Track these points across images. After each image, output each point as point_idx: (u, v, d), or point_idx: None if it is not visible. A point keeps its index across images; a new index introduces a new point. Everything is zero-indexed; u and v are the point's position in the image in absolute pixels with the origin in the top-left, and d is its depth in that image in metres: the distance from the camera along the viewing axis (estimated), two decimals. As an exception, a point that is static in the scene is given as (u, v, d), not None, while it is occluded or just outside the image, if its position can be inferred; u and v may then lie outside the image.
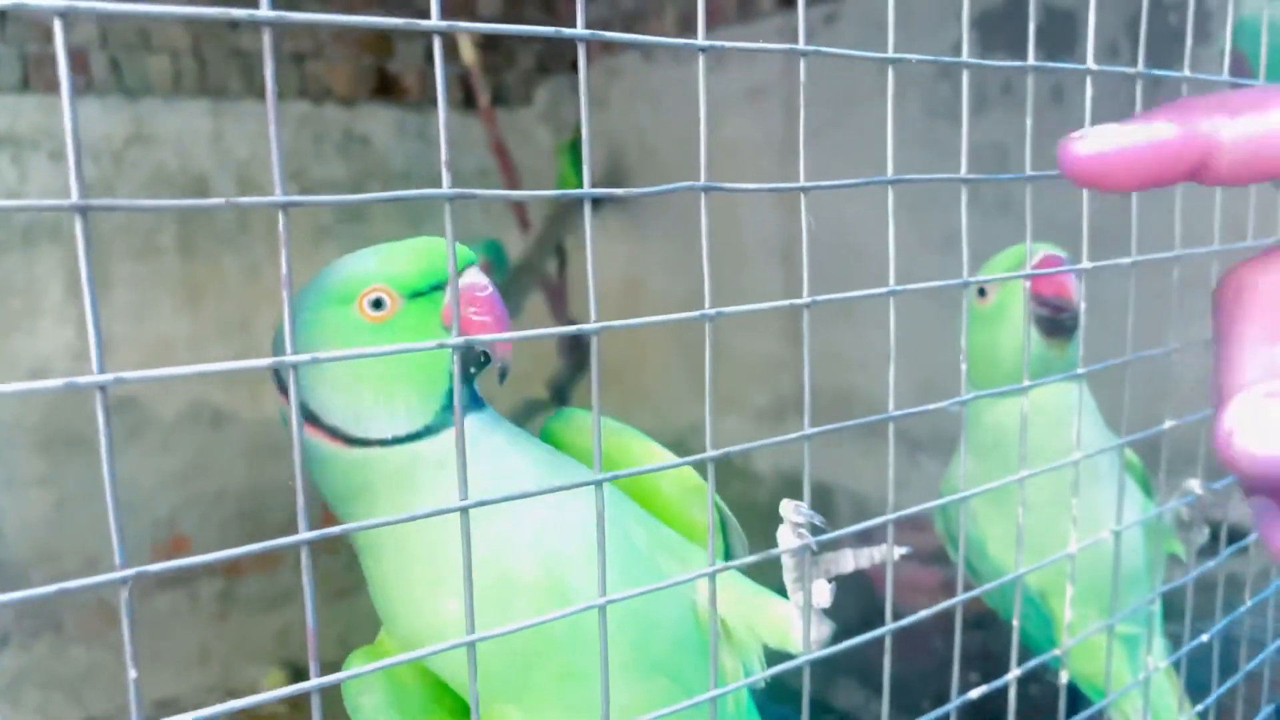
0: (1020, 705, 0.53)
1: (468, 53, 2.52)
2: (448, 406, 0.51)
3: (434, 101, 2.87)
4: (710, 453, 0.35)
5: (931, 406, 0.40)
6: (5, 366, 2.35)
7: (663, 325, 0.31)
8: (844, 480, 2.23)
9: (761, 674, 0.54)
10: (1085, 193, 0.47)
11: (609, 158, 2.90)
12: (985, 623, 0.89)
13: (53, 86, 2.37)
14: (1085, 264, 0.47)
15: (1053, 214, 0.58)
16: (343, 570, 2.92)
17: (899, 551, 0.46)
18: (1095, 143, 0.27)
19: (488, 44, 2.59)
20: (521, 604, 0.50)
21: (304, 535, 0.26)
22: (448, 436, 0.51)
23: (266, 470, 2.60)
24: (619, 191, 0.30)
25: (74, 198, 0.21)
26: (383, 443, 0.50)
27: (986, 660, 0.51)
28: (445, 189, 0.28)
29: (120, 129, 2.43)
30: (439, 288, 0.51)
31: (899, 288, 0.37)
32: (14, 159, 2.33)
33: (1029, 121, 0.44)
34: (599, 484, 0.36)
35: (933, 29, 2.01)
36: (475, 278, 0.51)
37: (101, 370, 0.22)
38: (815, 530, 0.45)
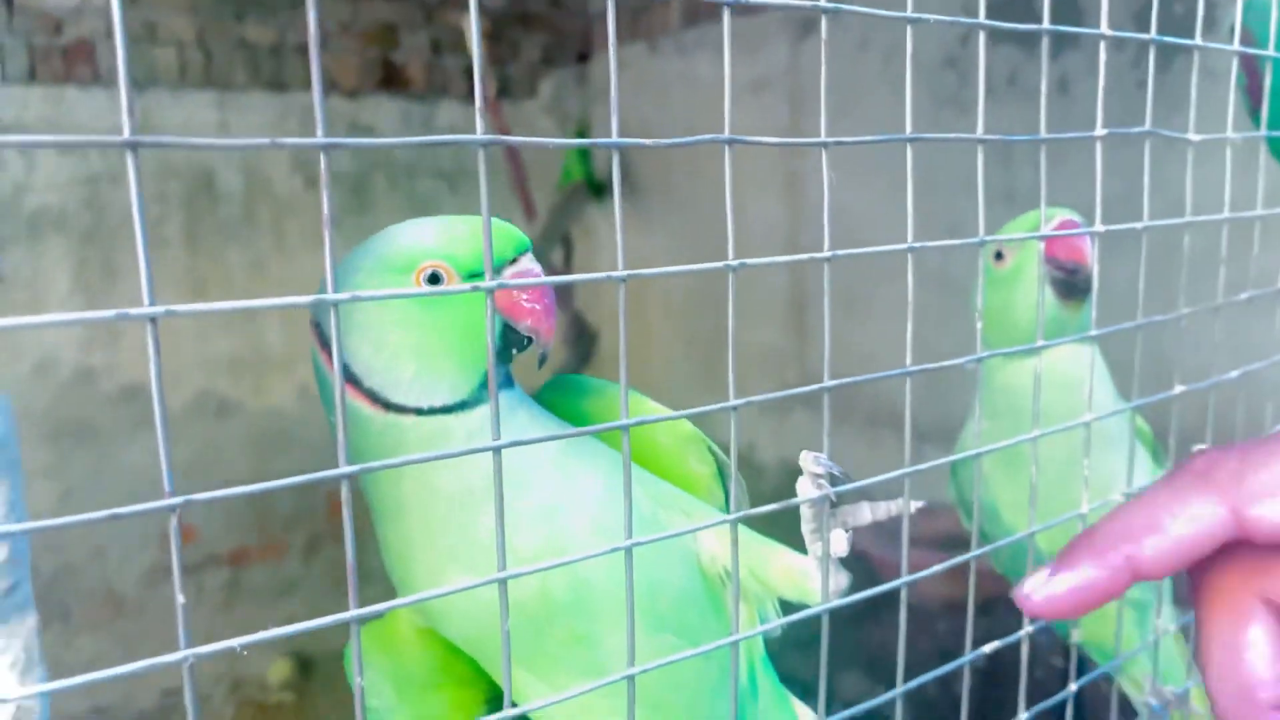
0: (1028, 688, 0.53)
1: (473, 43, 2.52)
2: (483, 385, 0.52)
3: (438, 93, 2.87)
4: (733, 401, 0.36)
5: (948, 363, 0.40)
6: (13, 357, 2.36)
7: (664, 315, 0.31)
8: (848, 470, 2.21)
9: (777, 622, 0.54)
10: (1099, 161, 0.48)
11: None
12: (991, 608, 0.90)
13: (59, 77, 2.37)
14: (1099, 227, 0.47)
15: (1066, 184, 0.58)
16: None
17: (915, 505, 0.46)
18: (1044, 592, 0.33)
19: (493, 35, 2.59)
20: (528, 577, 0.51)
21: (343, 469, 0.26)
22: (480, 413, 0.52)
23: (272, 460, 2.61)
24: (646, 142, 0.30)
25: (125, 134, 0.22)
26: (418, 411, 0.51)
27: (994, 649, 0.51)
28: (479, 135, 0.28)
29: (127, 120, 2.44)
30: (496, 271, 0.51)
31: (917, 244, 0.37)
32: (21, 149, 2.34)
33: (1044, 84, 0.44)
34: (625, 428, 0.37)
35: (932, 33, 1.99)
36: (529, 264, 0.52)
37: (152, 303, 0.22)
38: (834, 481, 0.46)
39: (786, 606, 0.56)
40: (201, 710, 2.50)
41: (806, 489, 0.46)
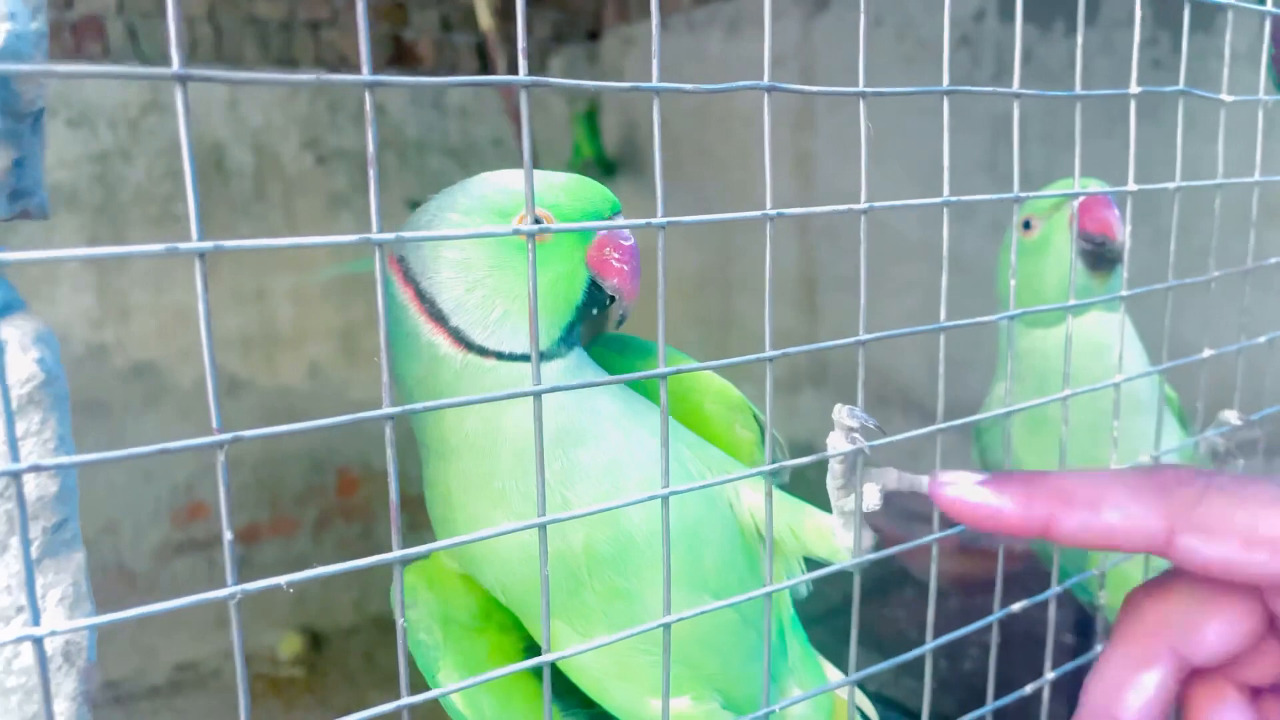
0: (1035, 662, 0.53)
1: (485, 19, 2.51)
2: (563, 339, 0.53)
3: (448, 70, 2.86)
4: (769, 353, 0.37)
5: (981, 320, 0.40)
6: (24, 333, 2.37)
7: (677, 295, 0.31)
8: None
9: (809, 575, 0.55)
10: (1133, 118, 0.47)
11: (623, 126, 2.89)
12: (1007, 585, 0.90)
13: (70, 54, 2.37)
14: (1131, 186, 0.47)
15: (1085, 160, 0.58)
16: (358, 538, 2.94)
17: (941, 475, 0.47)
18: (955, 490, 0.33)
19: (503, 12, 2.58)
20: (576, 528, 0.52)
21: (387, 410, 0.27)
22: (556, 366, 0.53)
23: (282, 438, 2.61)
24: (687, 87, 0.30)
25: (175, 67, 0.22)
26: (499, 355, 0.52)
27: (1002, 625, 0.51)
28: (522, 76, 0.28)
29: (136, 97, 2.44)
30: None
31: (953, 199, 0.37)
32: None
33: (1079, 38, 0.43)
34: (663, 377, 0.38)
35: (953, -3, 1.99)
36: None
37: (201, 238, 0.22)
38: (869, 434, 0.46)
39: (812, 566, 0.56)
40: (211, 685, 2.52)
41: (839, 442, 0.46)
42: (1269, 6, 0.55)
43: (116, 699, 2.46)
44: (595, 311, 0.54)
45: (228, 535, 0.23)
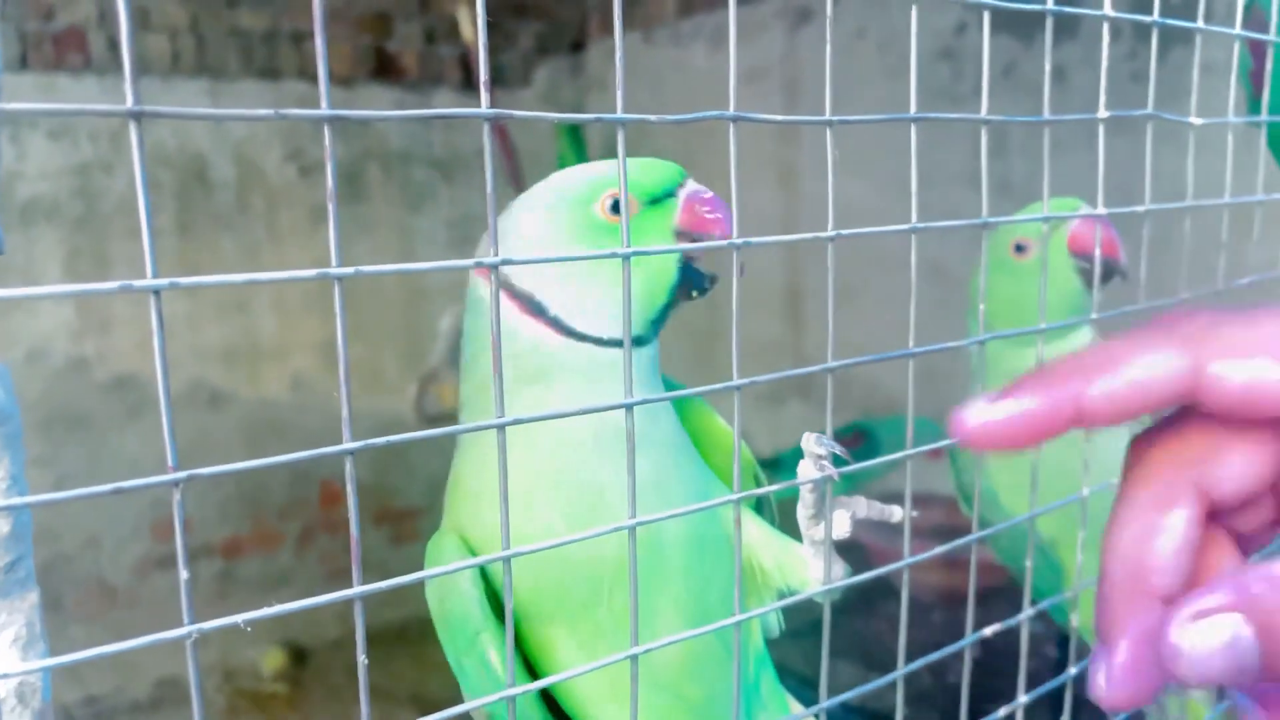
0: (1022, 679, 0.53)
1: (468, 30, 2.51)
2: (656, 321, 0.54)
3: (432, 82, 2.86)
4: (736, 381, 0.37)
5: (952, 344, 0.40)
6: (5, 346, 2.35)
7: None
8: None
9: (780, 603, 0.55)
10: (1101, 141, 0.48)
11: (608, 137, 2.89)
12: (988, 599, 0.91)
13: (51, 64, 2.36)
14: (1101, 209, 0.47)
15: (1065, 176, 0.59)
16: (341, 551, 2.92)
17: (913, 513, 0.47)
18: (980, 415, 0.31)
19: (488, 24, 2.58)
20: (612, 538, 0.51)
21: (348, 445, 0.26)
22: (644, 353, 0.54)
23: (264, 450, 2.59)
24: (652, 118, 0.30)
25: (129, 104, 0.22)
26: (597, 341, 0.53)
27: (989, 640, 0.51)
28: (484, 109, 0.28)
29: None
30: (672, 195, 0.54)
31: (920, 225, 0.37)
32: (13, 137, 2.33)
33: (1047, 64, 0.44)
34: (629, 407, 0.38)
35: (935, 8, 2.00)
36: (697, 185, 0.55)
37: (155, 275, 0.22)
38: (838, 461, 0.46)
39: (783, 596, 0.57)
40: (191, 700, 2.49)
41: (808, 471, 0.46)
42: (1238, 29, 0.56)
43: (97, 715, 2.43)
44: (695, 295, 0.55)
45: (184, 574, 0.23)
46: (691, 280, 0.54)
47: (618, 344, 0.53)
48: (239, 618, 0.24)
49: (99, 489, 0.21)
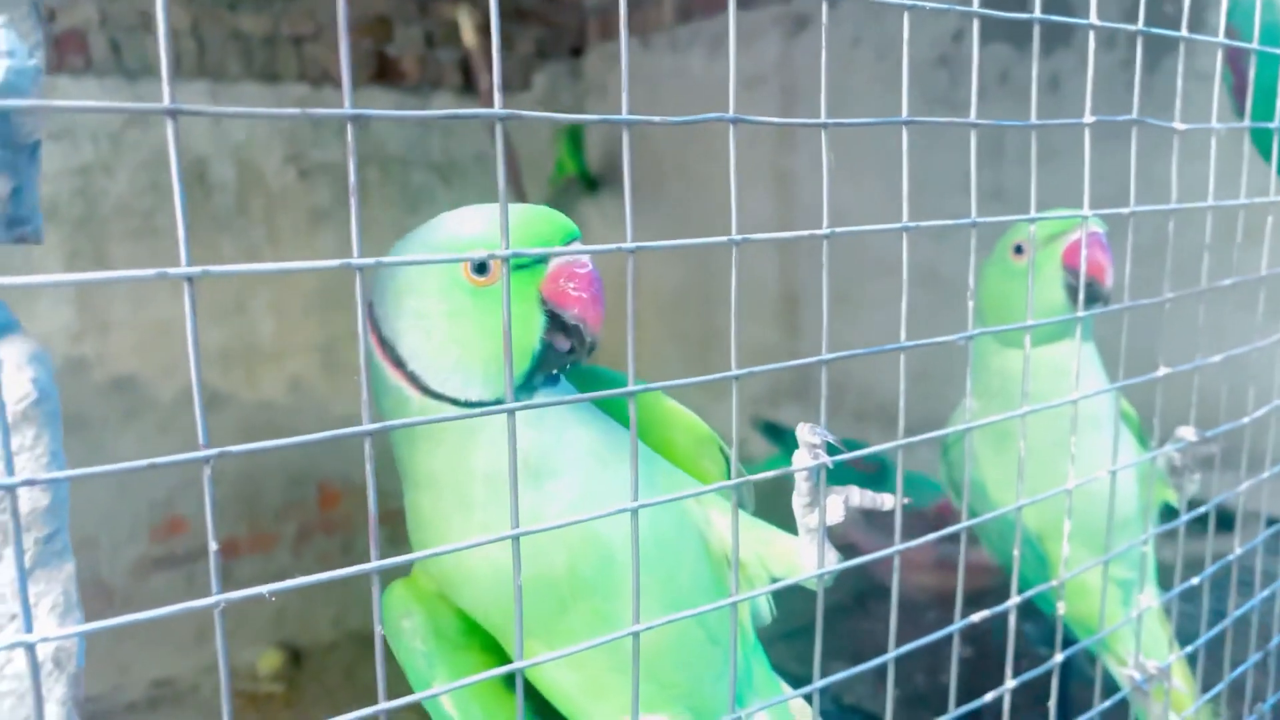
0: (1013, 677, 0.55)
1: (468, 35, 2.52)
2: (523, 386, 0.52)
3: (432, 85, 2.87)
4: (734, 371, 0.38)
5: (940, 339, 0.42)
6: (3, 346, 2.35)
7: (656, 313, 0.32)
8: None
9: (772, 586, 0.56)
10: (1088, 146, 0.49)
11: (607, 143, 2.90)
12: (981, 600, 0.92)
13: (52, 68, 2.37)
14: (1087, 211, 0.49)
15: (1057, 183, 0.60)
16: (338, 552, 2.93)
17: (904, 500, 0.48)
18: None
19: (487, 28, 2.59)
20: (559, 552, 0.53)
21: (367, 426, 0.28)
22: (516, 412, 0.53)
23: (261, 453, 2.61)
24: (655, 119, 0.32)
25: (166, 102, 0.23)
26: (454, 402, 0.52)
27: (979, 639, 0.53)
28: (497, 109, 0.29)
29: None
30: (543, 260, 0.52)
31: (912, 224, 0.38)
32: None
33: (1035, 69, 0.45)
34: (631, 395, 0.39)
35: (932, 16, 2.01)
36: (575, 257, 0.52)
37: (189, 263, 0.24)
38: (832, 450, 0.47)
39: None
40: (189, 701, 2.50)
41: (803, 460, 0.48)
42: (1221, 37, 0.57)
43: (93, 715, 2.43)
44: (558, 371, 0.53)
45: (213, 546, 0.24)
46: (553, 359, 0.53)
47: (475, 405, 0.52)
48: (264, 589, 0.25)
49: (135, 464, 0.23)
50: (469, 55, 2.64)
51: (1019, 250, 0.88)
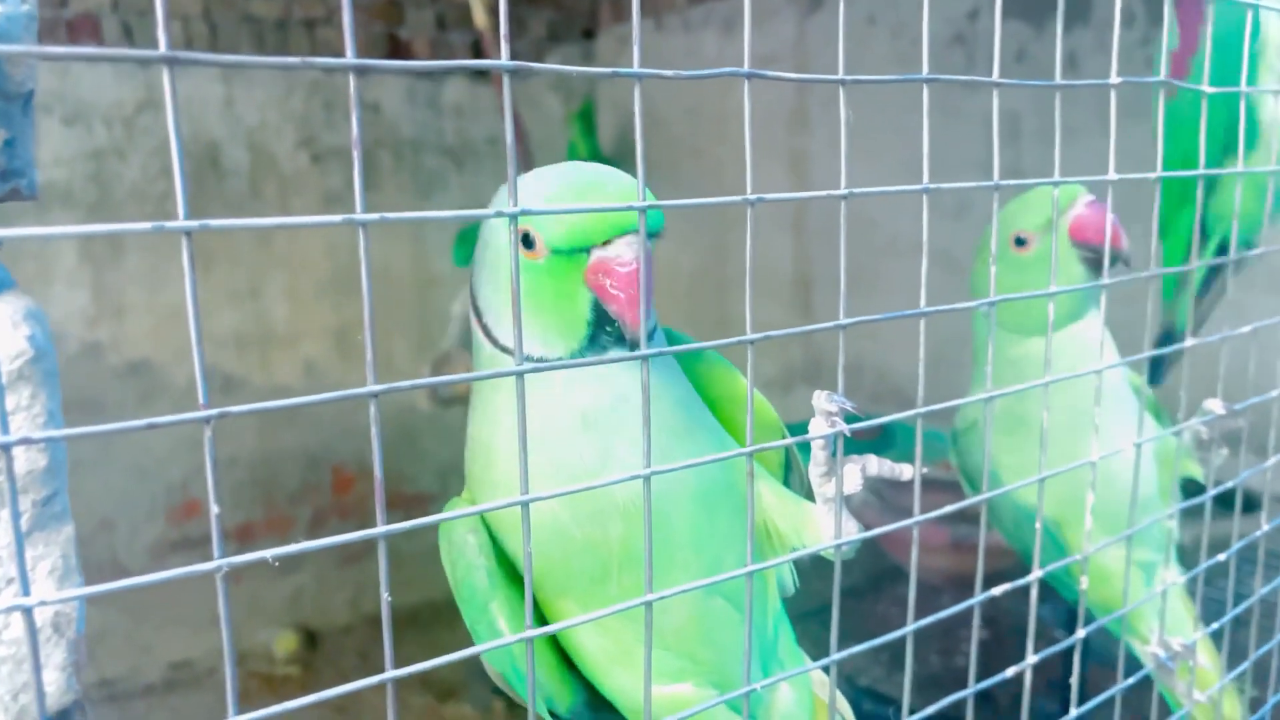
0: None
1: (480, 17, 2.51)
2: (584, 349, 0.54)
3: (444, 69, 2.86)
4: (750, 335, 0.37)
5: (960, 306, 0.41)
6: (19, 331, 2.36)
7: (670, 298, 0.31)
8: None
9: (794, 555, 0.55)
10: (1114, 108, 0.48)
11: (619, 124, 2.89)
12: (997, 580, 0.92)
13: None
14: (1111, 175, 0.48)
15: (1075, 163, 0.59)
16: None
17: (923, 469, 0.47)
18: None
19: (499, 9, 2.58)
20: (616, 523, 0.53)
21: (371, 388, 0.27)
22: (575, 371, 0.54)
23: (277, 437, 2.62)
24: (667, 73, 0.31)
25: (163, 49, 0.22)
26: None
27: (994, 623, 0.52)
28: (505, 60, 0.29)
29: (131, 95, 2.44)
30: (584, 251, 0.52)
31: (931, 186, 0.38)
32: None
33: (1058, 29, 0.44)
34: (644, 359, 0.40)
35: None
36: (622, 250, 0.51)
37: (188, 217, 0.23)
38: (848, 418, 0.47)
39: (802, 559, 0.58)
40: (207, 684, 2.52)
41: (820, 428, 0.47)
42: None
43: (111, 697, 2.45)
44: (609, 330, 0.54)
45: (214, 509, 0.23)
46: (607, 328, 0.53)
47: (539, 361, 0.54)
48: (268, 553, 0.25)
49: (134, 424, 0.22)
50: (481, 37, 2.63)
51: (1020, 242, 0.86)
